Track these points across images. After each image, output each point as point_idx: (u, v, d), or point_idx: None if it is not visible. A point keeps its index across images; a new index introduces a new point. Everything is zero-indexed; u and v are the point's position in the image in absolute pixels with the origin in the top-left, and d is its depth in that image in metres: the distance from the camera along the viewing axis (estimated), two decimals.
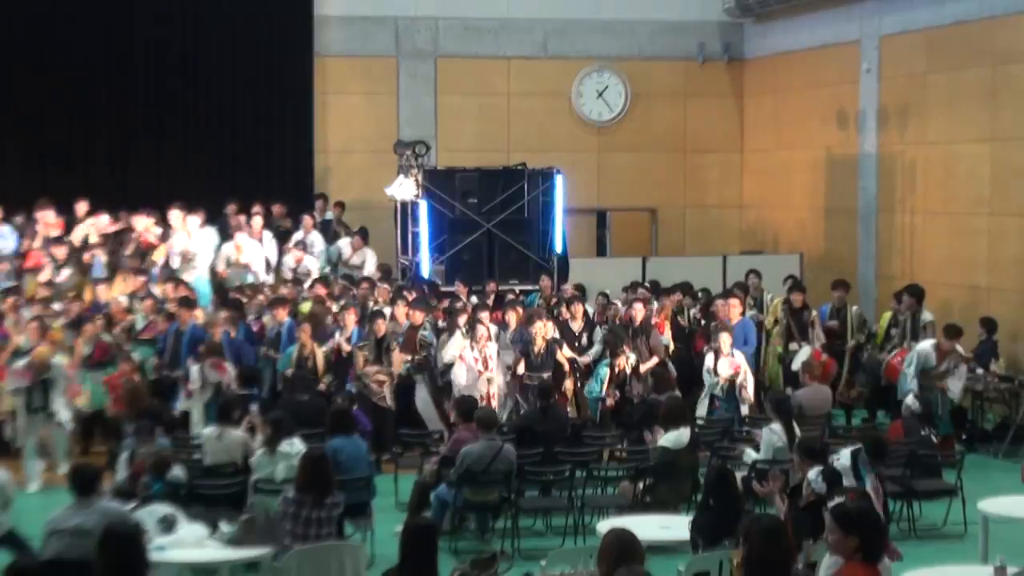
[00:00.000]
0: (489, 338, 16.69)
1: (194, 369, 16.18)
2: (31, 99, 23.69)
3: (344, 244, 21.80)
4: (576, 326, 18.00)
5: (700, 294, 19.93)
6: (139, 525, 9.18)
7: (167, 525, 10.81)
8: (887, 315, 18.81)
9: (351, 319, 17.10)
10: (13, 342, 16.67)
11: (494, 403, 16.18)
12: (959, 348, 16.76)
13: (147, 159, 24.21)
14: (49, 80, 23.77)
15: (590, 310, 18.85)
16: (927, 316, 18.15)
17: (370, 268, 21.30)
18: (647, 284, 20.35)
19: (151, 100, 24.37)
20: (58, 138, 23.98)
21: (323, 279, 19.73)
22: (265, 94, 24.80)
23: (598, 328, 18.10)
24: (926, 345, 16.77)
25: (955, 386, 16.62)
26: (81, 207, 21.30)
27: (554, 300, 19.33)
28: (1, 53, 23.64)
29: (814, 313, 18.59)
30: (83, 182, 22.89)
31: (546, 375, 16.52)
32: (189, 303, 17.54)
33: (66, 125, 24.05)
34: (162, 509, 10.92)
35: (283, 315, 17.45)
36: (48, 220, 20.73)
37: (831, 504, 9.03)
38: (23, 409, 15.70)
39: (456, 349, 16.82)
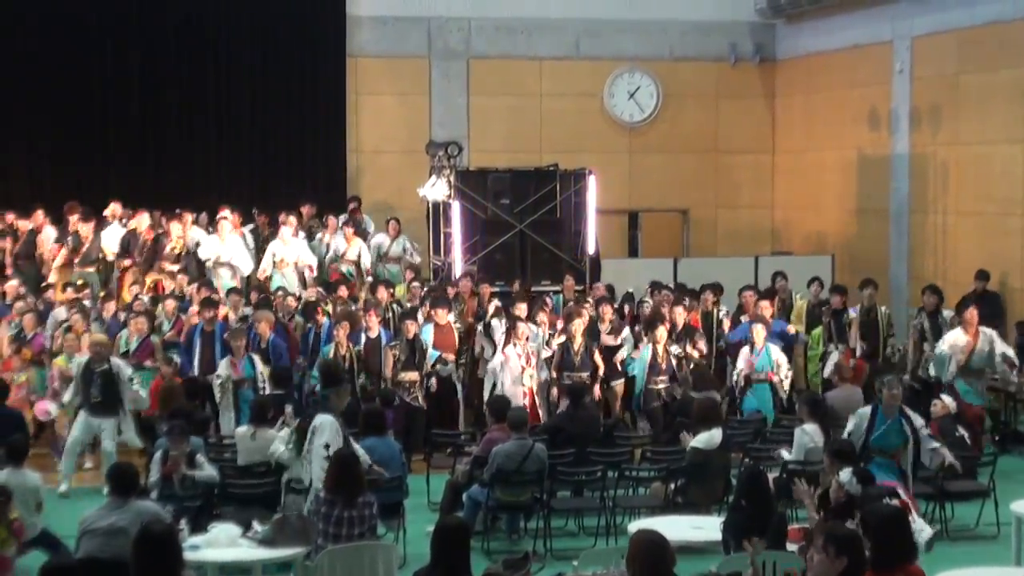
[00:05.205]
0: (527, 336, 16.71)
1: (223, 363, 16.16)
2: (64, 101, 23.86)
3: (382, 239, 21.87)
4: (604, 327, 17.90)
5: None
6: (173, 525, 9.22)
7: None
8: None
9: (374, 320, 17.16)
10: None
11: (537, 400, 16.22)
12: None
13: (179, 160, 24.39)
14: (82, 82, 23.99)
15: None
16: (948, 314, 17.98)
17: (413, 255, 21.58)
18: (666, 285, 20.20)
19: (183, 101, 24.56)
20: (91, 140, 24.18)
21: (344, 280, 19.72)
22: (297, 94, 24.92)
23: (626, 328, 18.03)
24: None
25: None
26: (111, 209, 21.37)
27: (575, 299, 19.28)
28: (34, 55, 23.79)
29: (853, 315, 18.31)
30: (116, 183, 23.12)
31: (585, 375, 16.55)
32: (212, 303, 17.27)
33: (99, 127, 24.28)
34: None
35: (321, 317, 17.56)
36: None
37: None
38: (77, 402, 15.17)
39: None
